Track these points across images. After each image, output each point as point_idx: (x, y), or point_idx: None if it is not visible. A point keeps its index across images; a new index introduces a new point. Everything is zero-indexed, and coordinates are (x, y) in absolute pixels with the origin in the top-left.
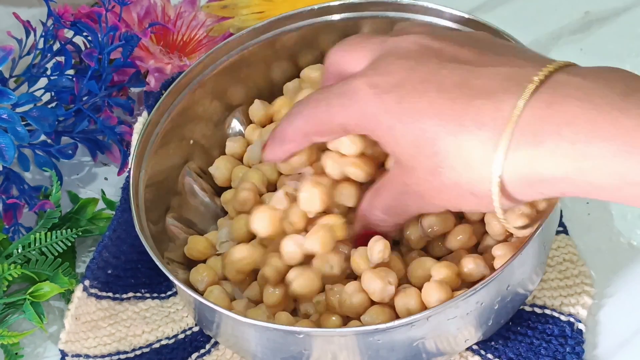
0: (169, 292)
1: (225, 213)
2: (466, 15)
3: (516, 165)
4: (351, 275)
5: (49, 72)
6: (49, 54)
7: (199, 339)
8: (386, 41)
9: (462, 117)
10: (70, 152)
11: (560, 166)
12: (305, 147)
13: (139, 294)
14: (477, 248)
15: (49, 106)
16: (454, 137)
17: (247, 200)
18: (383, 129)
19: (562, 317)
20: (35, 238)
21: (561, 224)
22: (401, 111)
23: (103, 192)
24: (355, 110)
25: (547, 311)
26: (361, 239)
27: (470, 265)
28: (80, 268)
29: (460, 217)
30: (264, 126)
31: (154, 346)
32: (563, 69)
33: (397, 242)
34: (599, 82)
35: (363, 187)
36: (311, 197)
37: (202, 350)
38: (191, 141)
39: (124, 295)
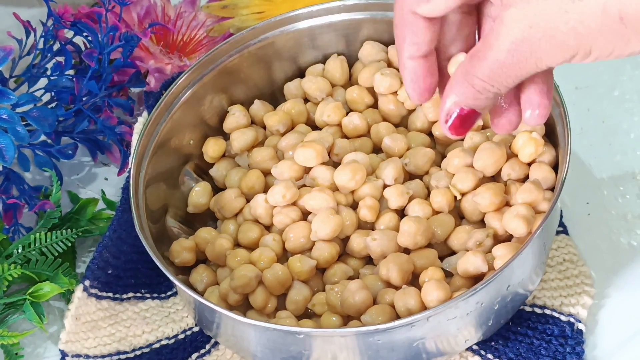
0: (169, 292)
1: None
2: None
3: None
4: (352, 276)
5: (49, 72)
6: (49, 54)
7: (199, 339)
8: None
9: None
10: (70, 152)
11: None
12: (423, 35)
13: (139, 294)
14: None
15: (49, 106)
16: None
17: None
18: None
19: (562, 317)
20: (35, 238)
21: (561, 224)
22: None
23: (103, 192)
24: None
25: (547, 311)
26: (456, 120)
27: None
28: (80, 268)
29: (460, 217)
30: (264, 127)
31: (154, 346)
32: None
33: None
34: None
35: None
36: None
37: (202, 351)
38: (191, 141)
39: (124, 296)
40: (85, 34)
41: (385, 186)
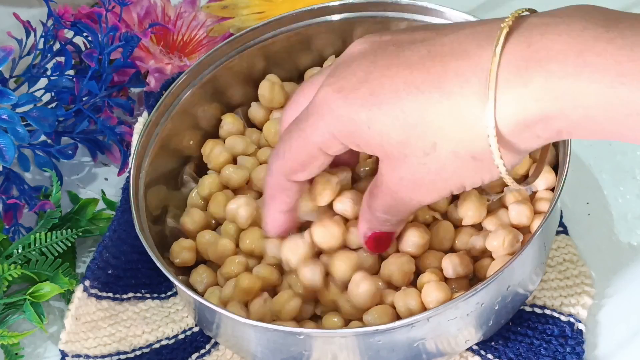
0: (169, 293)
1: None
2: (466, 16)
3: (508, 111)
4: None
5: (49, 73)
6: (49, 54)
7: (199, 339)
8: (334, 61)
9: (442, 82)
10: (70, 152)
11: (553, 103)
12: (295, 196)
13: (139, 294)
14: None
15: (49, 106)
16: (440, 105)
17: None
18: (362, 128)
19: (562, 318)
20: (35, 238)
21: (561, 224)
22: (377, 101)
23: (103, 192)
24: (329, 120)
25: (547, 311)
26: (370, 242)
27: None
28: (81, 268)
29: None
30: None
31: (154, 346)
32: (531, 14)
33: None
34: (574, 18)
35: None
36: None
37: (202, 351)
38: (191, 141)
39: (124, 296)
40: (85, 34)
41: None
